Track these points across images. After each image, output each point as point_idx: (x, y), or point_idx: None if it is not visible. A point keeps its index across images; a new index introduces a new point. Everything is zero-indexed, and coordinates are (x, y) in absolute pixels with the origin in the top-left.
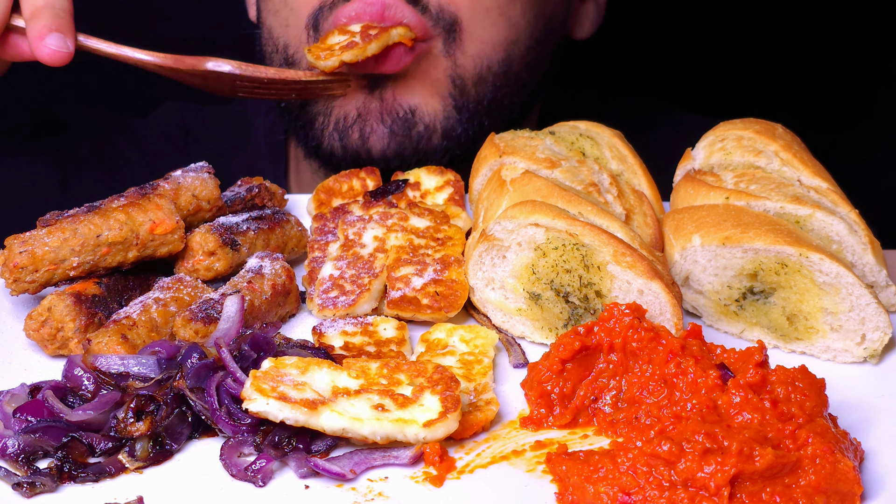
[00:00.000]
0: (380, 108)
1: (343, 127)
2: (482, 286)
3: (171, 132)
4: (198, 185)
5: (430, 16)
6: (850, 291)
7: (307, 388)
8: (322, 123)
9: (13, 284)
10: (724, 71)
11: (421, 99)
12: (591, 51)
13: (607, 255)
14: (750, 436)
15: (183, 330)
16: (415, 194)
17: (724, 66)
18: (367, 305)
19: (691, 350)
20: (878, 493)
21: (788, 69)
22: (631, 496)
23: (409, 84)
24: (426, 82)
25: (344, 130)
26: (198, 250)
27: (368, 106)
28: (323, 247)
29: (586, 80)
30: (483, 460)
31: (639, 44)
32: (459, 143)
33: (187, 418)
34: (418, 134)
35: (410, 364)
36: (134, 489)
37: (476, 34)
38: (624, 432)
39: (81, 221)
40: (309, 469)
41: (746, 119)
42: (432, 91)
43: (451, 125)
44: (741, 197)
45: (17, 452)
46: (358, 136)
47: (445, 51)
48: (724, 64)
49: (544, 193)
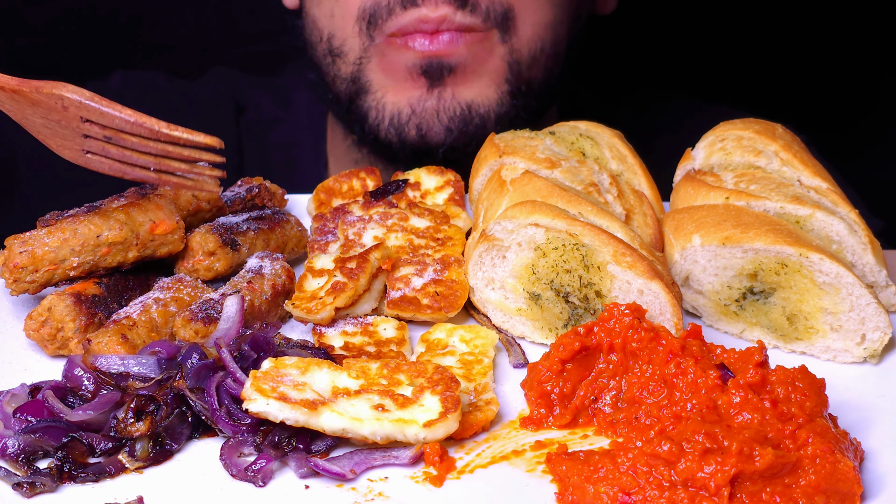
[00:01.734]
0: (436, 105)
1: (398, 123)
2: (482, 286)
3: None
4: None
5: (480, 12)
6: (850, 291)
7: (307, 388)
8: (376, 118)
9: (13, 284)
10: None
11: (478, 91)
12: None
13: (607, 255)
14: (750, 436)
15: (183, 330)
16: (415, 194)
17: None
18: (367, 305)
19: (691, 350)
20: (878, 493)
21: (792, 66)
22: (631, 496)
23: (467, 77)
24: (483, 71)
25: (400, 126)
26: (198, 250)
27: (424, 103)
28: (323, 247)
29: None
30: (483, 460)
31: (642, 33)
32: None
33: (187, 418)
34: (475, 126)
35: (410, 364)
36: (134, 489)
37: (528, 18)
38: (624, 432)
39: (81, 221)
40: (309, 469)
41: (746, 119)
42: (489, 80)
43: (504, 111)
44: (741, 197)
45: (17, 452)
46: (415, 132)
47: (502, 38)
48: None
49: (544, 193)
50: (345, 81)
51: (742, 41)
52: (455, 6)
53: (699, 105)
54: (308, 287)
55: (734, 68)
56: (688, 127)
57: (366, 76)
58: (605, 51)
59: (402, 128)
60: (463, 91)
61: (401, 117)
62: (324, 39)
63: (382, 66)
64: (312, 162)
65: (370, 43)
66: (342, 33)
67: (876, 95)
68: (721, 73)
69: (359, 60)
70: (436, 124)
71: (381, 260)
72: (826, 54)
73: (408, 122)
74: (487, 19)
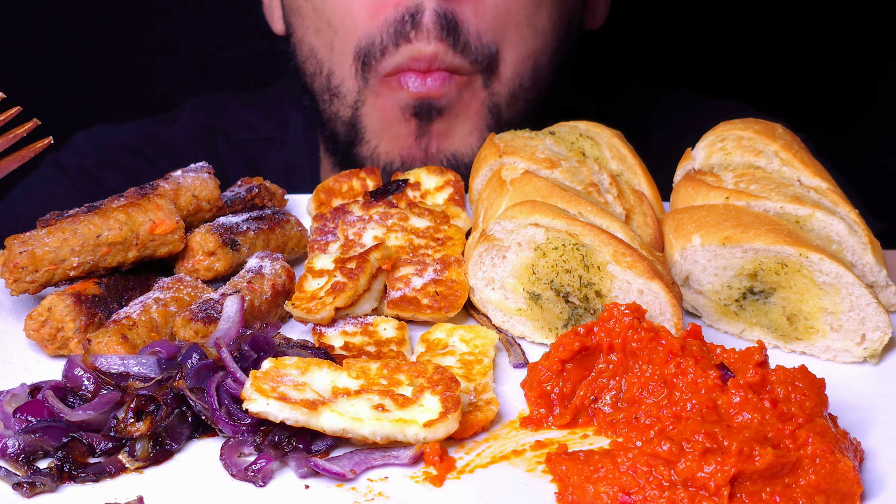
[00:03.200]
0: (424, 158)
1: (391, 170)
2: (482, 286)
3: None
4: (198, 185)
5: (469, 51)
6: (850, 291)
7: (307, 388)
8: (370, 164)
9: (13, 284)
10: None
11: (461, 141)
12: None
13: (607, 255)
14: (750, 436)
15: (183, 330)
16: (415, 194)
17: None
18: (367, 305)
19: (691, 350)
20: (878, 492)
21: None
22: (631, 496)
23: (451, 121)
24: (466, 117)
25: (391, 173)
26: (198, 250)
27: (413, 154)
28: (323, 247)
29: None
30: (483, 460)
31: (640, 34)
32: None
33: (187, 418)
34: (461, 173)
35: (410, 364)
36: (134, 489)
37: (508, 56)
38: (624, 432)
39: (81, 221)
40: (309, 469)
41: (746, 119)
42: (471, 127)
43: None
44: (741, 197)
45: (17, 452)
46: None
47: (484, 83)
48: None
49: (544, 193)
50: (344, 125)
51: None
52: (447, 44)
53: (696, 100)
54: (308, 287)
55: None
56: (684, 123)
57: (362, 122)
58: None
59: (392, 174)
60: (446, 142)
61: (392, 166)
62: (323, 74)
63: (377, 107)
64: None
65: (364, 85)
66: (341, 71)
67: (875, 94)
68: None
69: (355, 104)
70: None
71: (381, 260)
72: (827, 54)
73: (398, 169)
74: (475, 62)
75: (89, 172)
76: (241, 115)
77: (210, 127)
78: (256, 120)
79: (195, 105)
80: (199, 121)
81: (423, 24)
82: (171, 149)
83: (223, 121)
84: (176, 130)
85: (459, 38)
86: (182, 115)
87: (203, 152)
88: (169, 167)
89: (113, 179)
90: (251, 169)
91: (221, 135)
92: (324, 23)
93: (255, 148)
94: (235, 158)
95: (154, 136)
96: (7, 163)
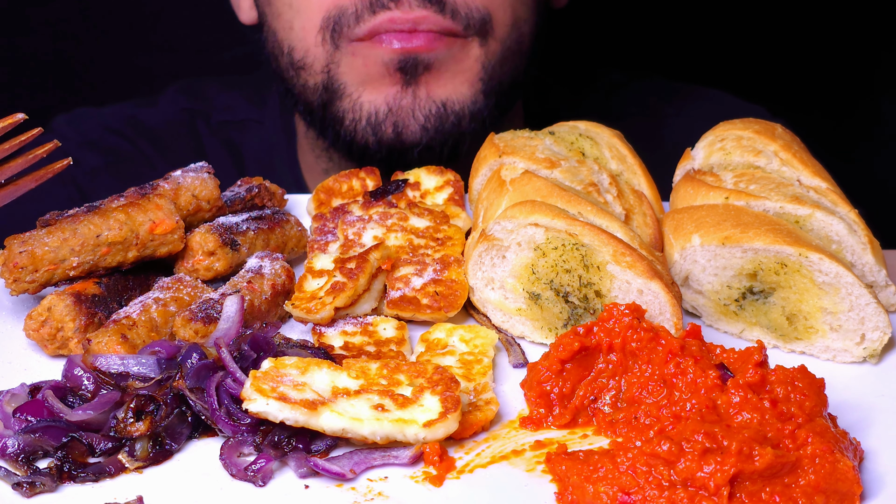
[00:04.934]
0: (412, 104)
1: (375, 122)
2: (482, 286)
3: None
4: (198, 185)
5: (460, 18)
6: (850, 291)
7: (307, 388)
8: (353, 120)
9: (13, 284)
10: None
11: (452, 89)
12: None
13: (607, 254)
14: (749, 436)
15: (183, 330)
16: (414, 194)
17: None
18: (367, 305)
19: (691, 350)
20: (878, 492)
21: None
22: (630, 496)
23: (441, 75)
24: (458, 70)
25: (377, 125)
26: (198, 250)
27: (400, 101)
28: (323, 247)
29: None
30: (483, 460)
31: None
32: (484, 125)
33: (187, 418)
34: (451, 124)
35: (410, 364)
36: (134, 489)
37: (500, 19)
38: (623, 432)
39: (81, 221)
40: (309, 469)
41: (746, 119)
42: (463, 79)
43: (478, 109)
44: (741, 197)
45: (17, 452)
46: (392, 130)
47: (480, 43)
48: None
49: (544, 193)
50: (315, 91)
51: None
52: (433, 10)
53: (672, 86)
54: (308, 287)
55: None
56: (662, 109)
57: (337, 81)
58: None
59: (378, 126)
60: (437, 89)
61: (378, 116)
62: (285, 53)
63: (355, 67)
64: (287, 165)
65: (335, 49)
66: (302, 44)
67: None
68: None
69: (326, 68)
70: (412, 123)
71: (380, 260)
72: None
73: (385, 121)
74: (468, 27)
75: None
76: (221, 98)
77: (190, 109)
78: (235, 102)
79: (176, 89)
80: (180, 103)
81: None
82: (152, 129)
83: (203, 103)
84: (156, 112)
85: (445, 5)
86: (163, 99)
87: (183, 134)
88: (149, 148)
89: (93, 160)
90: (231, 150)
91: (201, 116)
92: (285, 6)
93: (235, 129)
94: (215, 140)
95: (134, 118)
96: (25, 182)
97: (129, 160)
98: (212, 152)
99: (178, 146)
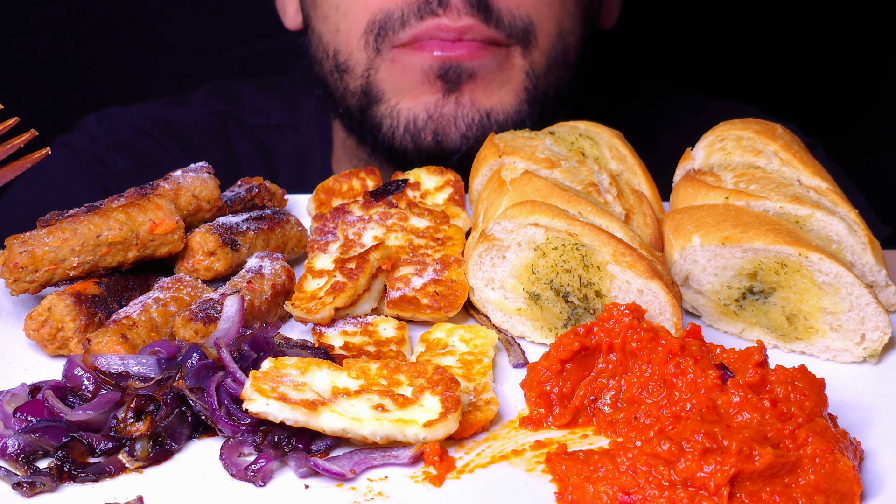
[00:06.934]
0: (454, 111)
1: (415, 129)
2: (482, 286)
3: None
4: (198, 185)
5: (503, 27)
6: (850, 291)
7: (307, 388)
8: (391, 126)
9: (13, 284)
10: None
11: (498, 99)
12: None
13: (607, 254)
14: (749, 435)
15: (183, 330)
16: (415, 194)
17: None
18: (367, 305)
19: (691, 350)
20: (878, 492)
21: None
22: (630, 496)
23: (488, 85)
24: (503, 80)
25: (416, 132)
26: (198, 250)
27: (441, 109)
28: (323, 247)
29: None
30: (483, 460)
31: (649, 35)
32: None
33: (187, 418)
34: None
35: (410, 365)
36: (134, 489)
37: (544, 28)
38: (623, 432)
39: (81, 221)
40: (309, 469)
41: (746, 119)
42: (508, 88)
43: (522, 118)
44: (741, 197)
45: (17, 452)
46: (431, 138)
47: (522, 53)
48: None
49: (544, 193)
50: (355, 95)
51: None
52: (479, 19)
53: (704, 101)
54: (308, 287)
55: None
56: (692, 125)
57: (377, 86)
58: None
59: (418, 133)
60: (482, 98)
61: (417, 123)
62: (330, 56)
63: (394, 73)
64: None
65: (375, 55)
66: (347, 48)
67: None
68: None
69: (366, 73)
70: (452, 130)
71: (380, 260)
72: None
73: (424, 128)
74: (511, 36)
75: (98, 155)
76: (255, 101)
77: (221, 112)
78: (269, 106)
79: (208, 90)
80: (211, 105)
81: (451, 4)
82: (182, 132)
83: (236, 106)
84: (187, 114)
85: (491, 14)
86: (195, 99)
87: (214, 136)
88: (178, 151)
89: (121, 162)
90: (263, 154)
91: (233, 120)
92: (332, 9)
93: (268, 133)
94: (247, 143)
95: (165, 119)
96: (4, 172)
97: (157, 163)
98: (242, 156)
99: (207, 149)
